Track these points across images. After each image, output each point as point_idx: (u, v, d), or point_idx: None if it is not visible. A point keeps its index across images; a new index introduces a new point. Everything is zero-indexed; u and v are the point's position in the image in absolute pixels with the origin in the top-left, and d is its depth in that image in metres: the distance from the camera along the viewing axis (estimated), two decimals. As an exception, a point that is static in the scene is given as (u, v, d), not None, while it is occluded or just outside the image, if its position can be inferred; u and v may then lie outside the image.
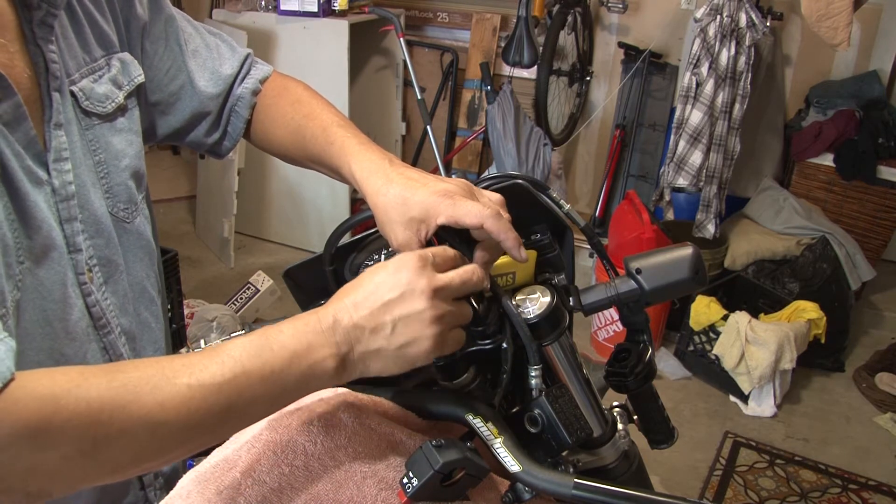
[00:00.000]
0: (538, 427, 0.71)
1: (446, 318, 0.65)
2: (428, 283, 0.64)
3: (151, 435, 0.54)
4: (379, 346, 0.64)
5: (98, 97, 0.80)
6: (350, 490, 0.66)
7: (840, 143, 3.20)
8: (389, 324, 0.63)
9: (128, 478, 0.66)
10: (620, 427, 0.86)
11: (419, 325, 0.64)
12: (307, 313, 0.65)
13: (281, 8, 3.41)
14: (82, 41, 0.80)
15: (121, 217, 0.84)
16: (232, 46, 0.99)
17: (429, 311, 0.64)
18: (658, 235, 2.83)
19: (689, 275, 0.78)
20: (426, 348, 0.64)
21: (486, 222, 0.69)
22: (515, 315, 0.71)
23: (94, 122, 0.80)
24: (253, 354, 0.59)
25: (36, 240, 0.70)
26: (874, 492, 2.34)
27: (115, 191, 0.83)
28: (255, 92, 0.97)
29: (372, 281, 0.65)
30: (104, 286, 0.80)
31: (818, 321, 2.70)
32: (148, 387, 0.54)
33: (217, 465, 0.68)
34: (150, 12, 0.90)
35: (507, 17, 3.79)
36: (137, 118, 0.88)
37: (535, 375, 0.71)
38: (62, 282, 0.73)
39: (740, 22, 2.77)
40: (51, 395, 0.51)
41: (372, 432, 0.71)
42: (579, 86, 3.81)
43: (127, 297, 0.84)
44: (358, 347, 0.64)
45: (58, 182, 0.73)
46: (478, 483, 0.68)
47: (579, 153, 4.06)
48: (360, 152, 0.80)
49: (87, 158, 0.79)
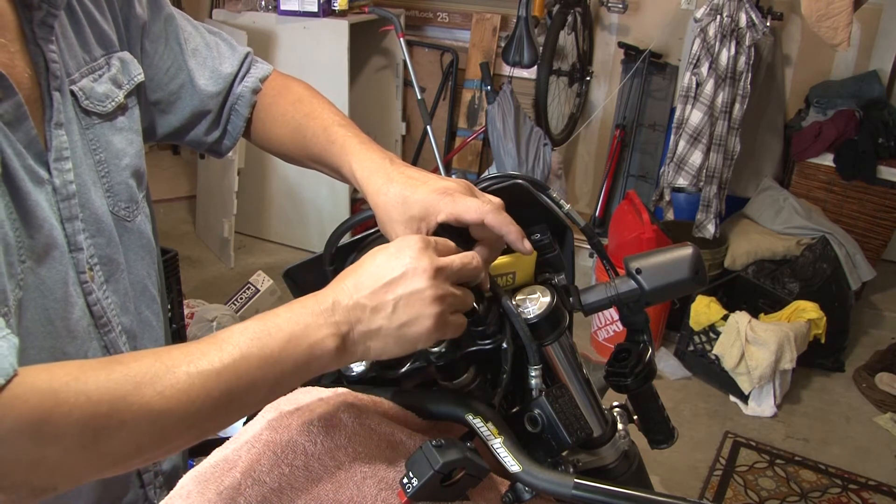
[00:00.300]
0: (538, 427, 0.71)
1: (448, 299, 0.65)
2: (430, 263, 0.64)
3: (152, 424, 0.55)
4: (380, 325, 0.64)
5: (98, 96, 0.80)
6: (350, 490, 0.66)
7: (840, 143, 3.20)
8: (391, 303, 0.63)
9: (131, 469, 0.66)
10: (620, 427, 0.86)
11: (420, 304, 0.64)
12: (306, 297, 0.65)
13: (281, 8, 3.41)
14: (82, 41, 0.80)
15: (122, 216, 0.84)
16: (232, 45, 0.99)
17: (430, 290, 0.64)
18: (658, 235, 2.83)
19: (689, 275, 0.78)
20: (427, 328, 0.64)
21: (486, 217, 0.70)
22: (515, 315, 0.71)
23: (94, 122, 0.80)
24: (251, 339, 0.59)
25: (37, 239, 0.70)
26: (874, 492, 2.34)
27: (116, 190, 0.83)
28: (255, 90, 0.97)
29: (373, 262, 0.65)
30: (105, 285, 0.80)
31: (818, 321, 2.70)
32: (147, 377, 0.55)
33: (217, 465, 0.68)
34: (150, 11, 0.90)
35: (507, 17, 3.79)
36: (138, 117, 0.88)
37: (535, 375, 0.71)
38: (63, 280, 0.73)
39: (740, 22, 2.77)
40: (50, 390, 0.51)
41: (372, 432, 0.71)
42: (579, 86, 3.81)
43: (128, 295, 0.84)
44: (358, 327, 0.63)
45: (59, 181, 0.74)
46: (478, 483, 0.68)
47: (579, 153, 4.06)
48: (361, 152, 0.81)
49: (88, 158, 0.79)
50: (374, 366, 0.77)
